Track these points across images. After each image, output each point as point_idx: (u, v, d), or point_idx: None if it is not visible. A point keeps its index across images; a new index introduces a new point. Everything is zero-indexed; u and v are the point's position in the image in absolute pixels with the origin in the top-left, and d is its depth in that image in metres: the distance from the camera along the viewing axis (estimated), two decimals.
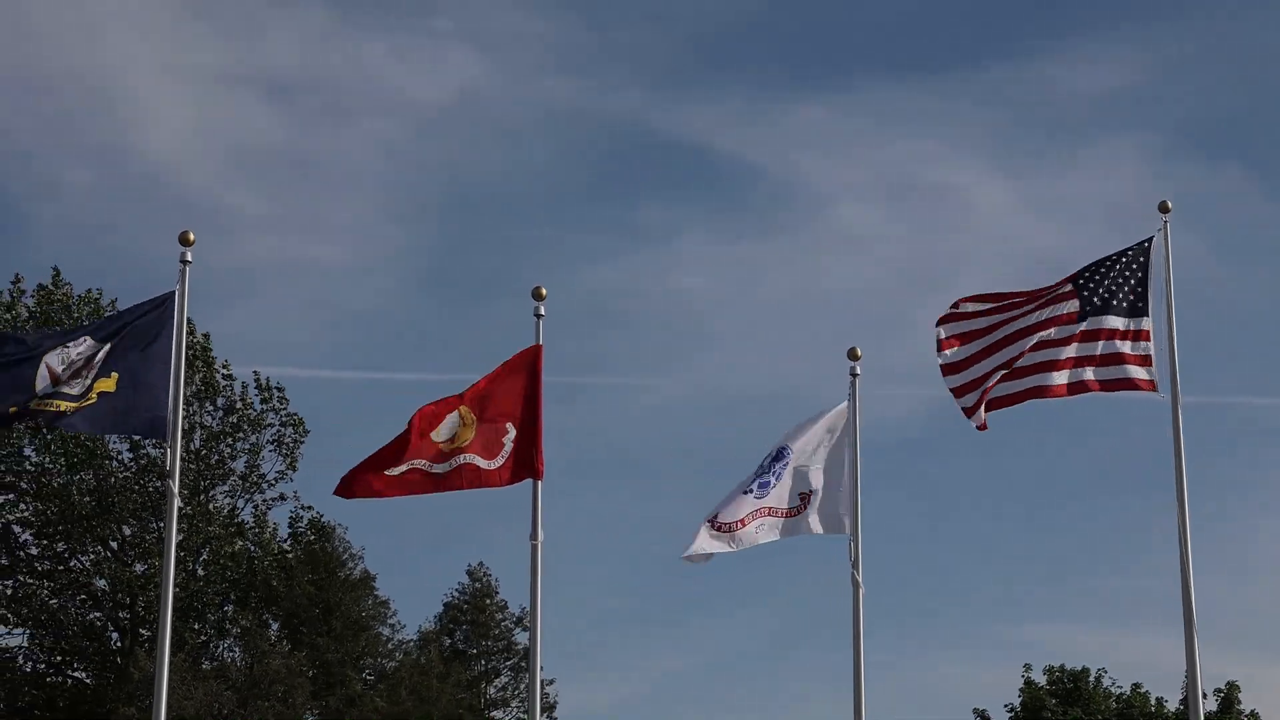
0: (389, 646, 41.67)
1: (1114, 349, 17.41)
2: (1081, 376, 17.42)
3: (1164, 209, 17.83)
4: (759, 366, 72.56)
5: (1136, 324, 17.43)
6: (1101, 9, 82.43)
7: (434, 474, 16.55)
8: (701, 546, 17.37)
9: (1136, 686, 42.05)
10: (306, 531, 42.38)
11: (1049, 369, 17.41)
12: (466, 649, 45.47)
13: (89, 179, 71.25)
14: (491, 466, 16.66)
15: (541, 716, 33.83)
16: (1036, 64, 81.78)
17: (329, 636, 39.48)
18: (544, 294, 17.40)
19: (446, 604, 46.14)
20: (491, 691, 45.75)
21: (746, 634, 64.04)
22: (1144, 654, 64.15)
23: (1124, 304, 17.49)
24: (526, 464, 16.75)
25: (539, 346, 17.20)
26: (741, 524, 17.50)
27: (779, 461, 17.71)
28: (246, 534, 42.20)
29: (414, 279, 75.15)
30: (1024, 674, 42.06)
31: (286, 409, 42.63)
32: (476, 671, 45.16)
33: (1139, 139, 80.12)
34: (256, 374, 42.69)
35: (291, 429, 42.59)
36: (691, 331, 75.79)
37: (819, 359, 71.56)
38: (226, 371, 42.22)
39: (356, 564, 41.09)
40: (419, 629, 43.92)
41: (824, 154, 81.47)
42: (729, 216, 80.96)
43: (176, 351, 16.50)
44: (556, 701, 45.65)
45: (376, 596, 41.35)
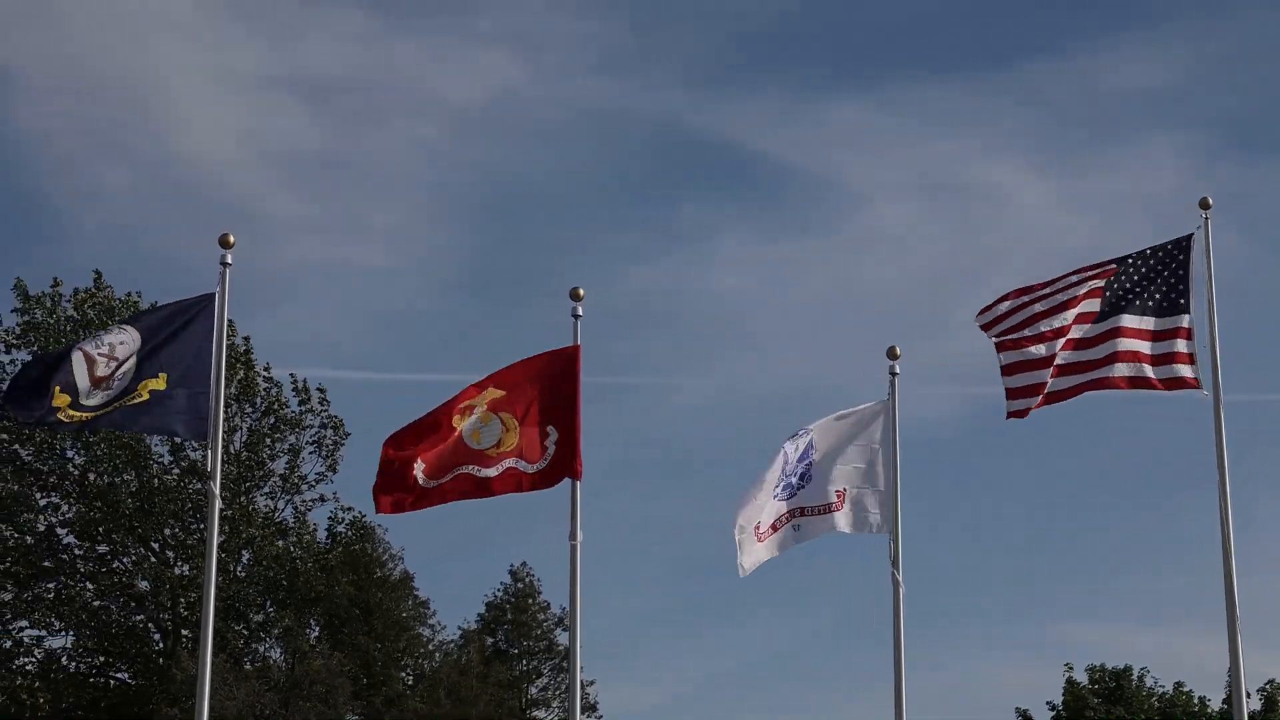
0: (429, 647, 41.76)
1: (1159, 347, 17.31)
2: (1126, 373, 17.33)
3: (1205, 206, 17.71)
4: (797, 366, 72.47)
5: (1177, 321, 17.33)
6: (1142, 6, 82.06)
7: (481, 478, 16.63)
8: (758, 556, 17.37)
9: (1179, 686, 41.87)
10: (346, 532, 42.52)
11: (1092, 365, 17.33)
12: (508, 649, 45.54)
13: (129, 182, 71.70)
14: (535, 469, 16.73)
15: (582, 717, 33.87)
16: (1076, 62, 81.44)
17: (370, 637, 39.59)
18: (582, 295, 17.40)
19: (488, 603, 46.24)
20: (533, 692, 45.80)
21: (787, 634, 64.00)
22: (1186, 653, 63.79)
23: (1165, 302, 17.39)
24: (566, 465, 16.78)
25: (577, 347, 17.22)
26: (774, 528, 17.50)
27: (804, 460, 17.67)
28: (287, 535, 42.36)
29: (452, 280, 75.36)
30: (1066, 673, 41.94)
31: (327, 410, 42.85)
32: (518, 672, 45.21)
33: (1179, 136, 79.72)
34: (294, 376, 42.95)
35: (332, 431, 42.77)
36: (729, 331, 75.75)
37: (857, 358, 71.34)
38: (267, 374, 42.43)
39: (396, 564, 41.23)
40: (459, 629, 44.05)
41: (862, 153, 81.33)
42: (767, 216, 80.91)
43: (217, 353, 16.58)
44: (597, 702, 45.72)
45: (416, 597, 41.47)
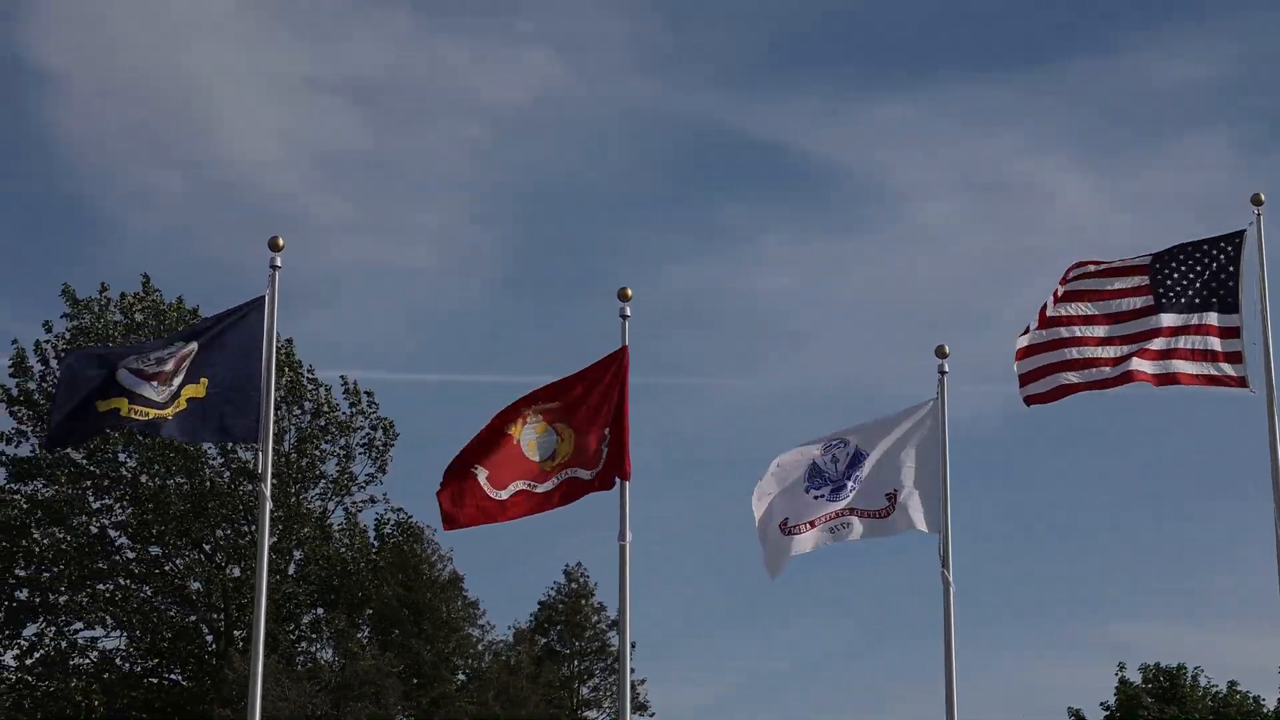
0: (479, 648, 41.85)
1: (1201, 344, 17.17)
2: (1167, 370, 17.21)
3: (1257, 201, 17.54)
4: (841, 365, 72.27)
5: (1226, 320, 17.17)
6: (1189, 1, 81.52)
7: (538, 494, 16.65)
8: (787, 552, 17.36)
9: (1233, 685, 41.60)
10: (394, 533, 42.66)
11: (1132, 360, 17.20)
12: (560, 649, 45.60)
13: (176, 186, 72.16)
14: (593, 475, 16.77)
15: (633, 716, 33.92)
16: (1123, 58, 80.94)
17: (419, 638, 39.72)
18: (629, 295, 17.40)
19: (542, 603, 46.31)
20: (584, 692, 45.84)
21: (837, 633, 63.85)
22: (1240, 652, 63.33)
23: (1213, 298, 17.24)
24: (615, 465, 16.80)
25: (625, 348, 17.22)
26: (811, 525, 17.45)
27: (855, 464, 17.62)
28: (338, 536, 42.54)
29: (498, 281, 75.52)
30: (1118, 673, 41.70)
31: (376, 412, 43.00)
32: (569, 672, 45.26)
33: (1229, 132, 79.10)
34: (344, 378, 43.12)
35: (381, 432, 42.92)
36: (773, 331, 75.62)
37: (903, 357, 71.08)
38: (310, 375, 42.59)
39: (445, 565, 41.33)
40: (510, 628, 44.12)
41: (906, 151, 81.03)
42: (810, 215, 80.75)
43: (267, 356, 16.64)
44: (648, 702, 45.70)
45: (465, 597, 41.55)
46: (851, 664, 62.27)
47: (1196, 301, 17.25)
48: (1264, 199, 17.57)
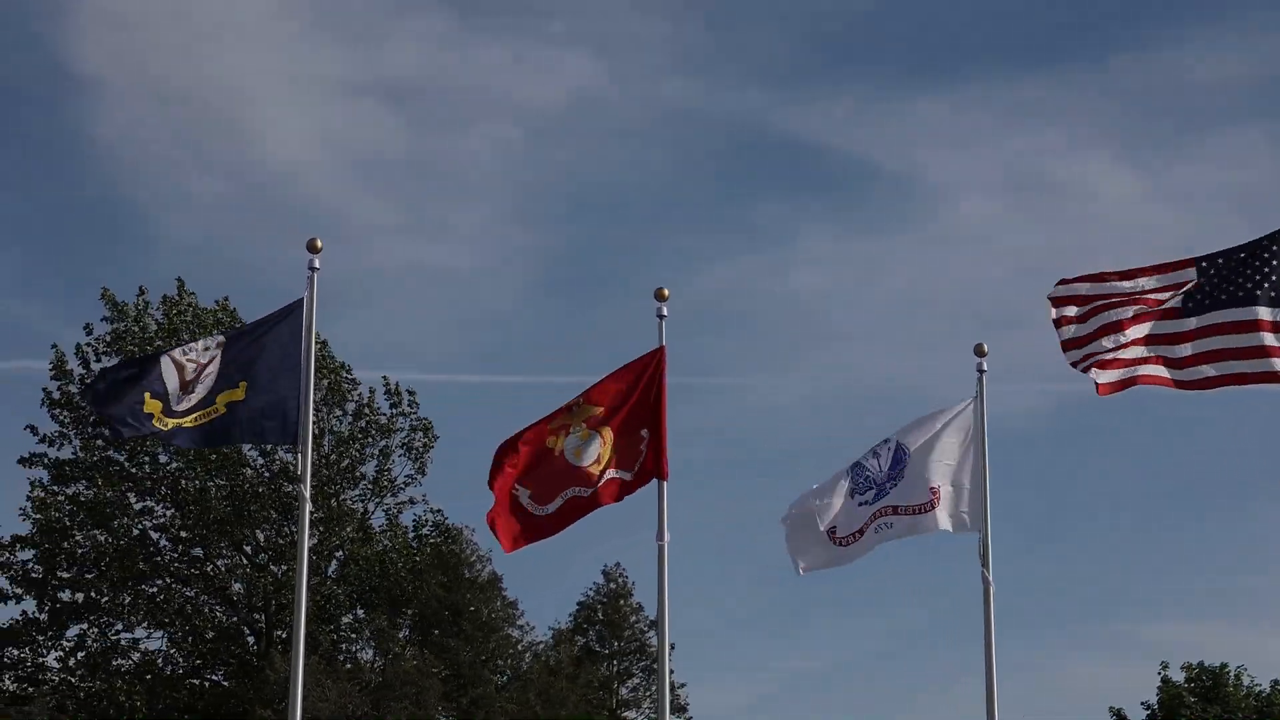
0: (518, 648, 41.89)
1: (1258, 341, 17.03)
2: (1223, 370, 17.06)
3: None
4: (881, 364, 72.17)
5: (1277, 315, 16.99)
6: None
7: (585, 498, 16.71)
8: (823, 560, 17.33)
9: (1276, 684, 41.34)
10: (432, 534, 42.71)
11: (1181, 357, 17.08)
12: (599, 649, 45.61)
13: (215, 189, 72.52)
14: (632, 475, 16.82)
15: (672, 717, 33.87)
16: (1162, 53, 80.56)
17: (460, 638, 39.78)
18: (666, 295, 17.39)
19: (580, 604, 46.33)
20: (624, 693, 45.84)
21: (877, 633, 63.72)
22: None
23: (1257, 291, 17.08)
24: (653, 466, 16.83)
25: (662, 348, 17.22)
26: (860, 534, 17.43)
27: (897, 463, 17.57)
28: (378, 538, 42.61)
29: (536, 282, 75.65)
30: (1161, 672, 41.48)
31: (416, 413, 43.03)
32: (609, 672, 45.27)
33: (1269, 126, 78.61)
34: (386, 379, 43.18)
35: (421, 434, 42.95)
36: (811, 330, 75.54)
37: (942, 355, 70.85)
38: (350, 376, 42.67)
39: (484, 566, 41.37)
40: (550, 629, 44.16)
41: (944, 149, 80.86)
42: (848, 214, 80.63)
43: (305, 358, 16.69)
44: (688, 703, 45.68)
45: (504, 598, 41.59)
46: (891, 664, 62.18)
47: (1239, 297, 17.09)
48: None
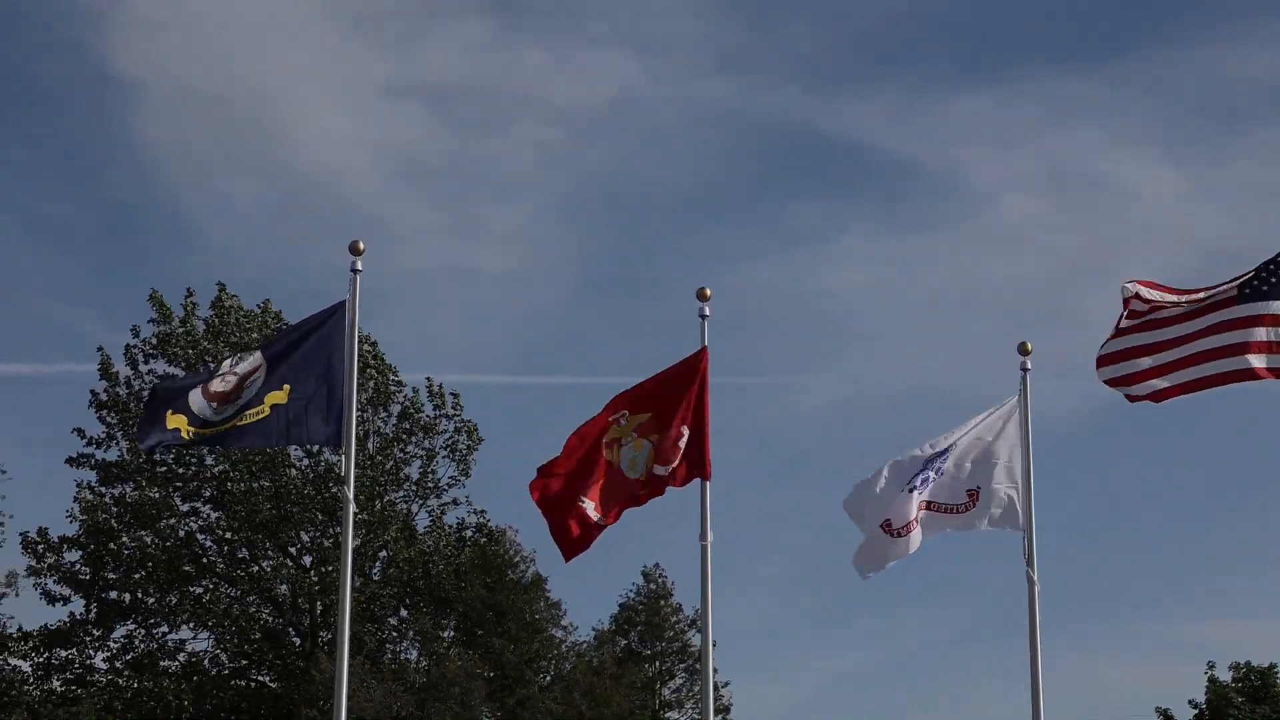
0: (562, 649, 41.94)
1: (1245, 338, 16.88)
2: (1264, 363, 16.93)
3: None
4: (921, 363, 71.97)
5: None
6: None
7: (634, 501, 16.80)
8: (885, 556, 17.28)
9: None
10: (476, 535, 42.79)
11: (1238, 353, 16.95)
12: (641, 650, 45.61)
13: (257, 192, 72.91)
14: (668, 471, 16.83)
15: (715, 717, 33.82)
16: (1203, 49, 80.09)
17: (504, 638, 39.85)
18: (708, 295, 17.38)
19: (621, 605, 46.35)
20: (666, 693, 45.84)
21: (920, 632, 63.58)
22: None
23: None
24: (695, 465, 16.84)
25: (705, 349, 17.21)
26: (910, 527, 17.37)
27: (940, 458, 17.52)
28: (422, 539, 42.71)
29: (577, 283, 75.73)
30: (1208, 671, 41.22)
31: (460, 415, 43.14)
32: (651, 673, 45.27)
33: None
34: (429, 380, 43.29)
35: (465, 436, 43.04)
36: (852, 329, 75.43)
37: (984, 354, 70.70)
38: (396, 378, 42.80)
39: (528, 567, 41.42)
40: (593, 630, 44.21)
41: (985, 147, 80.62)
42: (889, 213, 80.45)
43: (349, 360, 16.76)
44: (731, 703, 45.64)
45: (548, 599, 41.63)
46: (935, 663, 62.05)
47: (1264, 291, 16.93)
48: None
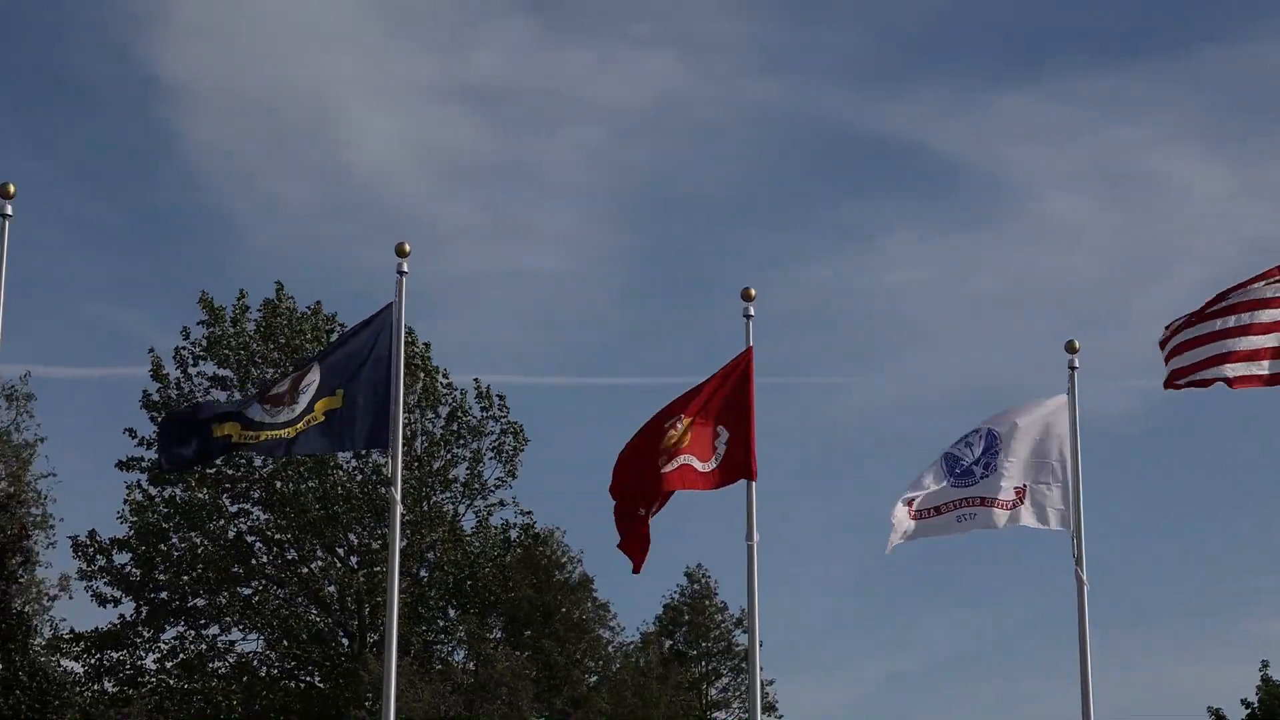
0: (609, 649, 41.95)
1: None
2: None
3: None
4: (970, 361, 71.73)
5: None
6: None
7: (664, 474, 16.70)
8: (903, 532, 17.25)
9: None
10: (521, 537, 42.84)
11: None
12: (686, 650, 45.59)
13: (303, 195, 73.27)
14: (705, 469, 16.75)
15: (763, 717, 33.81)
16: (1250, 45, 79.49)
17: (551, 639, 39.90)
18: (753, 295, 17.39)
19: (666, 605, 46.34)
20: (713, 693, 45.81)
21: (969, 632, 63.37)
22: None
23: None
24: (740, 466, 16.78)
25: (750, 349, 17.20)
26: (938, 511, 17.30)
27: (988, 452, 17.45)
28: (469, 540, 42.81)
29: (623, 283, 75.77)
30: (1262, 671, 40.87)
31: (507, 417, 43.24)
32: (697, 673, 45.25)
33: None
34: (477, 381, 43.40)
35: (511, 437, 43.13)
36: (900, 328, 75.21)
37: (1032, 353, 70.38)
38: (446, 380, 42.92)
39: (575, 567, 41.44)
40: (639, 630, 44.21)
41: (1033, 144, 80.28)
42: (936, 211, 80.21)
43: (395, 361, 16.83)
44: (776, 702, 45.57)
45: (595, 599, 41.65)
46: (984, 663, 61.82)
47: None
48: None
